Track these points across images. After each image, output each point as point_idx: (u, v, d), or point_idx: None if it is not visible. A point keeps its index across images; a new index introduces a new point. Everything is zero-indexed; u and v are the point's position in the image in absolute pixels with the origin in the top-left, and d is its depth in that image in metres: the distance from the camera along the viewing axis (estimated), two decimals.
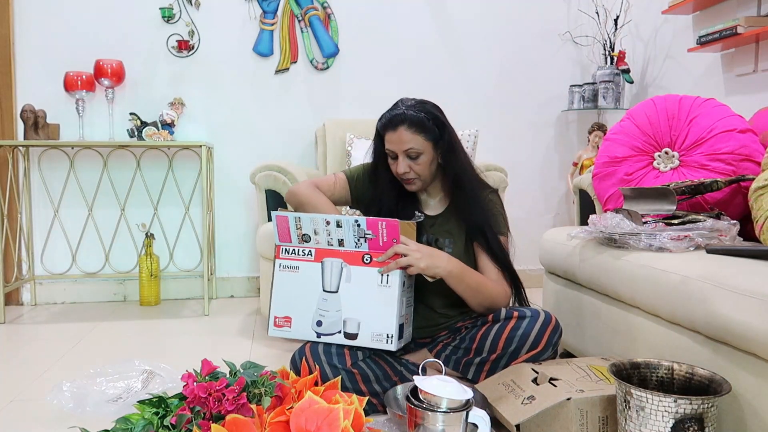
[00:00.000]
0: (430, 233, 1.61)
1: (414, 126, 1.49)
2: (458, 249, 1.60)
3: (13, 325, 2.46)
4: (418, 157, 1.51)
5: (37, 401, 1.60)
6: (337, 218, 1.42)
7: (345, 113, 2.98)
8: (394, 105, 1.56)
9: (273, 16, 2.88)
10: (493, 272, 1.55)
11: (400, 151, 1.51)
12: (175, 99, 2.80)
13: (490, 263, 1.56)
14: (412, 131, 1.49)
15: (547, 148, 3.19)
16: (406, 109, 1.51)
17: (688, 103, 1.74)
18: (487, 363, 1.50)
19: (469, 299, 1.51)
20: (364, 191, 1.67)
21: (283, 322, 1.49)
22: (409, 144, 1.50)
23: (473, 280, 1.49)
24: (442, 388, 1.14)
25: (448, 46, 3.05)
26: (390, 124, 1.52)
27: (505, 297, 1.54)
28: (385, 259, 1.41)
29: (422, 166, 1.53)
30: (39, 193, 2.80)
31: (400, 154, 1.52)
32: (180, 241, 2.93)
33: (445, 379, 1.17)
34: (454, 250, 1.59)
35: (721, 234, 1.41)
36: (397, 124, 1.50)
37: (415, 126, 1.49)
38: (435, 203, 1.66)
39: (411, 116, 1.49)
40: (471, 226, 1.58)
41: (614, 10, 2.98)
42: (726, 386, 1.05)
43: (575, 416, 1.17)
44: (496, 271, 1.55)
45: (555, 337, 1.48)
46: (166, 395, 1.26)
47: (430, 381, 1.16)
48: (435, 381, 1.16)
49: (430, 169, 1.55)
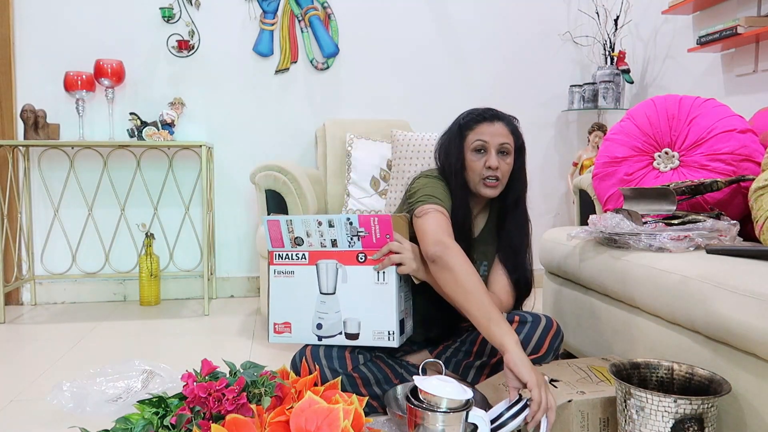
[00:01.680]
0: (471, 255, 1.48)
1: (510, 126, 1.48)
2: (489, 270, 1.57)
3: (13, 325, 2.46)
4: (508, 155, 1.46)
5: (37, 401, 1.60)
6: (329, 218, 1.41)
7: (345, 113, 2.98)
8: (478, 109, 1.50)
9: (273, 16, 2.88)
10: (503, 284, 1.52)
11: (495, 144, 1.44)
12: (175, 99, 2.80)
13: (503, 275, 1.52)
14: (508, 130, 1.47)
15: (547, 148, 3.19)
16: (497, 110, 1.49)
17: (688, 104, 1.74)
18: (487, 367, 1.50)
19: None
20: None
21: (282, 328, 1.48)
22: (505, 139, 1.45)
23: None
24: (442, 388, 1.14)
25: (448, 46, 3.05)
26: (487, 117, 1.47)
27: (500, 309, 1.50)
28: (380, 256, 1.41)
29: (508, 168, 1.47)
30: (39, 193, 2.80)
31: (492, 148, 1.44)
32: (180, 241, 2.93)
33: (445, 379, 1.17)
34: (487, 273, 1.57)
35: (721, 234, 1.41)
36: (495, 118, 1.47)
37: (510, 126, 1.48)
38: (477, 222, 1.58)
39: (507, 117, 1.49)
40: (507, 247, 1.53)
41: (614, 10, 2.98)
42: (726, 386, 1.05)
43: (576, 418, 1.17)
44: (506, 284, 1.52)
45: (556, 343, 1.47)
46: (166, 395, 1.26)
47: (430, 381, 1.16)
48: (435, 381, 1.16)
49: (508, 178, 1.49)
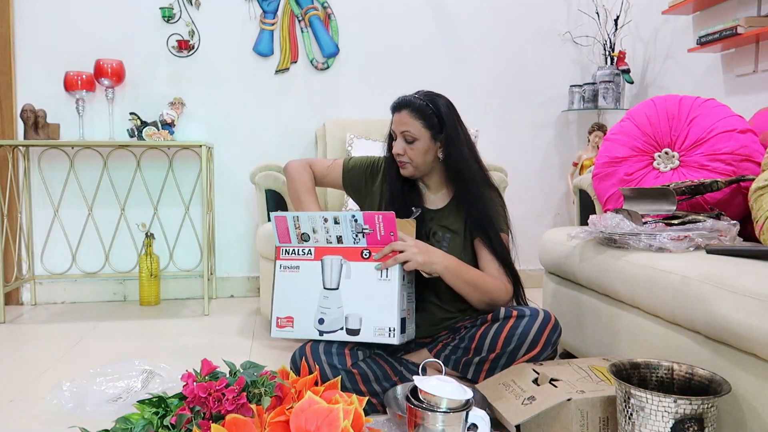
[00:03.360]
0: (428, 226, 1.63)
1: (416, 111, 1.56)
2: (456, 245, 1.61)
3: (13, 324, 2.46)
4: (413, 141, 1.57)
5: (37, 401, 1.60)
6: (335, 215, 1.44)
7: (345, 113, 2.98)
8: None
9: (273, 16, 2.88)
10: (493, 269, 1.57)
11: (399, 132, 1.58)
12: (175, 99, 2.80)
13: (491, 260, 1.57)
14: (413, 116, 1.56)
15: (547, 148, 3.19)
16: (414, 96, 1.59)
17: (688, 104, 1.74)
18: (486, 362, 1.50)
19: (468, 296, 1.52)
20: (357, 179, 1.73)
21: (285, 322, 1.49)
22: (406, 127, 1.56)
23: (470, 276, 1.50)
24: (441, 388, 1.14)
25: (448, 46, 3.05)
26: (396, 106, 1.60)
27: (505, 293, 1.55)
28: (383, 255, 1.42)
29: (416, 152, 1.58)
30: (39, 193, 2.80)
31: (398, 136, 1.59)
32: (180, 241, 2.93)
33: (445, 379, 1.17)
34: (452, 245, 1.61)
35: (721, 234, 1.41)
36: (401, 106, 1.59)
37: (416, 112, 1.56)
38: (436, 198, 1.68)
39: (415, 102, 1.57)
40: (472, 221, 1.60)
41: (614, 10, 2.98)
42: (726, 386, 1.05)
43: (576, 417, 1.17)
44: (497, 267, 1.57)
45: (554, 337, 1.48)
46: (166, 395, 1.26)
47: (430, 381, 1.16)
48: (435, 381, 1.16)
49: (425, 158, 1.59)
